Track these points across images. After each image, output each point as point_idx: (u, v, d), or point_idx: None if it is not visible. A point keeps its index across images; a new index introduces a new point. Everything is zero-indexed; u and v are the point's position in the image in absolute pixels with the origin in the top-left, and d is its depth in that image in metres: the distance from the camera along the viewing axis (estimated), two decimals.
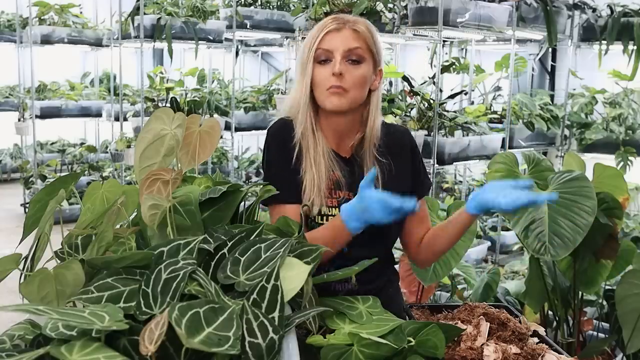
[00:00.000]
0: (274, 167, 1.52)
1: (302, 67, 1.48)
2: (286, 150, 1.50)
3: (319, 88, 1.46)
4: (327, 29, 1.45)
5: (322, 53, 1.45)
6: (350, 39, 1.45)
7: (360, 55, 1.45)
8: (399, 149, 1.57)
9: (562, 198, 1.95)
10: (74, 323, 0.80)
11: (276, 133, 1.53)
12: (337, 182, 1.49)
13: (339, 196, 1.49)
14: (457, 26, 3.67)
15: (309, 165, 1.47)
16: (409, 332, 1.05)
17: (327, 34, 1.45)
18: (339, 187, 1.49)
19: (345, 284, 1.50)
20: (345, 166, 1.52)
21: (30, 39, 6.21)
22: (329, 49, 1.44)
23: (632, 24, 4.20)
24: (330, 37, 1.45)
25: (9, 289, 1.56)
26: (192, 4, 5.13)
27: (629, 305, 1.81)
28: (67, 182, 1.19)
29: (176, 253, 1.00)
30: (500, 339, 1.18)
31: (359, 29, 1.46)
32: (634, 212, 4.56)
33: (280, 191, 1.43)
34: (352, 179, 1.51)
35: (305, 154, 1.48)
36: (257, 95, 5.87)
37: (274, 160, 1.52)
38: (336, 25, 1.45)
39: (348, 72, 1.44)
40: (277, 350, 0.86)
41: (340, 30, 1.45)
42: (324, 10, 3.86)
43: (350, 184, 1.50)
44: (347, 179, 1.50)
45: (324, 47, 1.45)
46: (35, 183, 6.35)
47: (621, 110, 4.40)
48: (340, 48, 1.44)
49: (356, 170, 1.52)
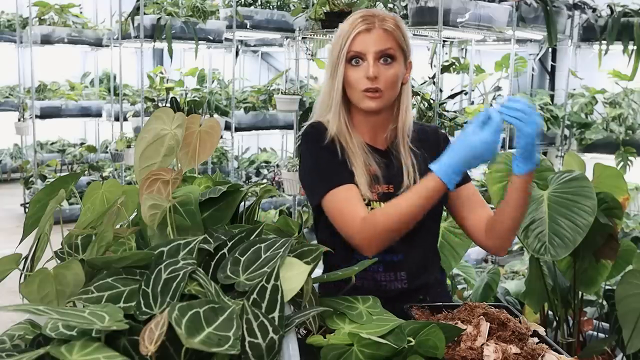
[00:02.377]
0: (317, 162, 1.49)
1: (332, 67, 1.48)
2: (326, 147, 1.49)
3: (352, 89, 1.47)
4: (357, 29, 1.44)
5: (354, 55, 1.45)
6: (381, 40, 1.44)
7: (392, 55, 1.45)
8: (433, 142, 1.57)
9: (562, 198, 1.95)
10: (74, 323, 0.80)
11: (312, 134, 1.52)
12: (375, 177, 1.49)
13: (378, 190, 1.49)
14: (457, 26, 3.67)
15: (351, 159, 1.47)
16: (409, 332, 1.05)
17: (358, 35, 1.44)
18: (377, 181, 1.49)
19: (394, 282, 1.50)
20: (382, 158, 1.52)
21: (30, 39, 6.21)
22: (361, 51, 1.44)
23: (632, 24, 4.19)
24: (362, 38, 1.44)
25: (9, 289, 1.56)
26: (192, 4, 5.13)
27: (629, 305, 1.81)
28: (67, 182, 1.19)
29: (176, 253, 1.00)
30: (500, 339, 1.18)
31: (389, 27, 1.45)
32: (634, 212, 4.55)
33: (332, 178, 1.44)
34: (388, 171, 1.51)
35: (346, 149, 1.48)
36: (257, 95, 5.87)
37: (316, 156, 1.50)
38: (366, 25, 1.44)
39: (381, 73, 1.44)
40: (277, 350, 0.86)
41: (370, 30, 1.44)
42: (324, 10, 3.86)
43: (388, 176, 1.50)
44: (384, 171, 1.50)
45: (355, 50, 1.44)
46: (35, 183, 6.35)
47: (621, 110, 4.40)
48: (372, 50, 1.43)
49: (393, 162, 1.52)
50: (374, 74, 1.42)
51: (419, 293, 1.52)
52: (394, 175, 1.50)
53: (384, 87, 1.45)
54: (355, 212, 1.40)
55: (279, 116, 5.93)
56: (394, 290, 1.51)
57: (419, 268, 1.53)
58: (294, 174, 4.32)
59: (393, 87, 1.47)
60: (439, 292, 1.59)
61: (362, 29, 1.44)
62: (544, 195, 1.98)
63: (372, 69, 1.42)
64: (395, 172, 1.51)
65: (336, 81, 1.47)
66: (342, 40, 1.46)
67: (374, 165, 1.49)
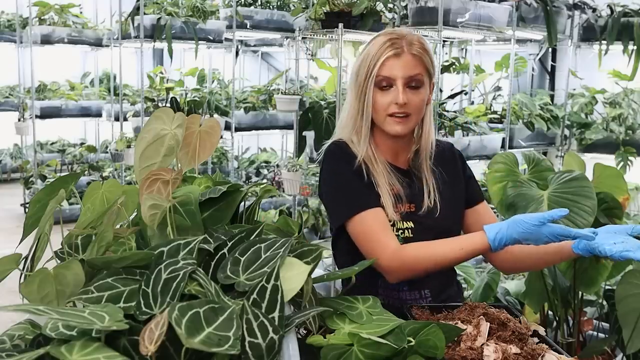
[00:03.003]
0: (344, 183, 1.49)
1: (358, 89, 1.48)
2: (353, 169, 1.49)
3: (379, 113, 1.47)
4: (386, 54, 1.44)
5: (383, 80, 1.45)
6: (410, 66, 1.44)
7: (421, 80, 1.46)
8: (449, 160, 1.60)
9: (562, 198, 1.95)
10: (74, 323, 0.80)
11: (337, 153, 1.52)
12: (397, 196, 1.50)
13: (401, 210, 1.50)
14: (457, 26, 3.67)
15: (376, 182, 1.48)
16: (409, 332, 1.05)
17: (387, 60, 1.44)
18: (401, 200, 1.50)
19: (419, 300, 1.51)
20: (404, 177, 1.53)
21: (30, 39, 6.21)
22: (390, 76, 1.44)
23: (632, 24, 4.19)
24: (391, 63, 1.44)
25: (9, 289, 1.56)
26: (192, 4, 5.13)
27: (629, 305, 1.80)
28: (67, 182, 1.19)
29: (176, 253, 0.99)
30: (500, 339, 1.18)
31: (417, 52, 1.45)
32: (634, 212, 4.55)
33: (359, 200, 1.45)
34: (410, 190, 1.52)
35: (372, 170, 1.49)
36: (257, 95, 5.87)
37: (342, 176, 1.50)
38: (395, 50, 1.44)
39: (410, 99, 1.45)
40: (277, 350, 0.86)
41: (399, 55, 1.44)
42: (324, 10, 3.86)
43: (410, 195, 1.51)
44: (406, 190, 1.51)
45: (384, 75, 1.44)
46: (35, 183, 6.35)
47: (621, 110, 4.40)
48: (401, 76, 1.44)
49: (415, 182, 1.53)
50: (404, 101, 1.43)
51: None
52: (416, 195, 1.52)
53: (412, 111, 1.46)
54: (386, 242, 1.41)
55: (279, 116, 5.93)
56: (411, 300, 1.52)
57: (442, 283, 1.55)
58: (294, 174, 4.32)
59: (420, 112, 1.48)
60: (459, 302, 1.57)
61: (391, 54, 1.44)
62: (544, 195, 1.98)
63: (401, 96, 1.43)
64: (417, 191, 1.52)
65: (365, 104, 1.47)
66: (370, 64, 1.45)
67: (397, 185, 1.50)
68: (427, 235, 1.47)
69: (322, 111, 4.20)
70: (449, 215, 1.54)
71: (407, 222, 1.50)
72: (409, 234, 1.49)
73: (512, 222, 1.31)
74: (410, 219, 1.50)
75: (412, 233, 1.49)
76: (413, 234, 1.49)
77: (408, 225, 1.50)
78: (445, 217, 1.53)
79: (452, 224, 1.56)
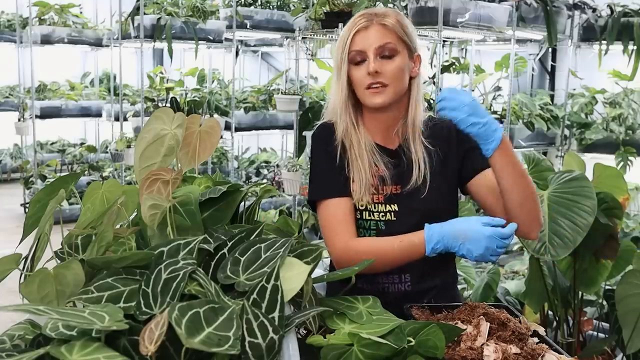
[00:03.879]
0: (318, 166, 1.53)
1: (337, 69, 1.49)
2: (329, 150, 1.51)
3: (358, 88, 1.47)
4: (356, 27, 1.45)
5: (355, 55, 1.45)
6: (380, 35, 1.44)
7: (393, 49, 1.45)
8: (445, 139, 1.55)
9: (562, 198, 1.95)
10: (74, 323, 0.80)
11: (319, 135, 1.55)
12: (381, 178, 1.49)
13: (385, 191, 1.49)
14: (457, 26, 3.67)
15: (354, 161, 1.48)
16: (409, 332, 1.05)
17: (357, 34, 1.45)
18: (384, 182, 1.49)
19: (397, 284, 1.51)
20: (391, 159, 1.51)
21: (30, 39, 6.21)
22: (361, 49, 1.44)
23: (632, 24, 4.19)
24: (360, 36, 1.45)
25: (9, 289, 1.56)
26: (192, 4, 5.13)
27: (629, 305, 1.81)
28: (67, 182, 1.19)
29: (176, 253, 1.00)
30: (500, 339, 1.18)
31: (388, 22, 1.45)
32: (634, 212, 4.55)
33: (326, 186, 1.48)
34: (397, 170, 1.50)
35: (349, 151, 1.49)
36: (257, 95, 5.87)
37: (318, 159, 1.53)
38: (365, 23, 1.45)
39: (383, 68, 1.44)
40: (277, 350, 0.86)
41: (368, 27, 1.45)
42: (324, 10, 3.86)
43: (396, 175, 1.50)
44: (391, 172, 1.50)
45: (356, 49, 1.45)
46: (35, 183, 6.35)
47: (621, 110, 4.40)
48: (371, 46, 1.44)
49: (403, 161, 1.51)
50: (374, 69, 1.42)
51: (423, 296, 1.50)
52: (403, 174, 1.50)
53: (387, 80, 1.44)
54: (341, 234, 1.44)
55: (279, 116, 5.93)
56: (396, 292, 1.50)
57: (425, 273, 1.52)
58: (294, 174, 4.32)
59: (398, 80, 1.46)
60: (451, 296, 1.57)
61: (361, 27, 1.45)
62: (544, 195, 1.98)
63: (372, 65, 1.42)
64: (404, 170, 1.50)
65: (340, 82, 1.48)
66: (343, 42, 1.47)
67: (382, 167, 1.49)
68: (412, 219, 1.46)
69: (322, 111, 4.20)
70: (437, 196, 1.50)
71: (391, 205, 1.48)
72: (391, 217, 1.48)
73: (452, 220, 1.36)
74: (395, 201, 1.48)
75: (395, 216, 1.48)
76: (396, 217, 1.48)
77: (392, 208, 1.48)
78: (432, 198, 1.49)
79: (440, 206, 1.51)
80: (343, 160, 1.49)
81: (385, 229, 1.48)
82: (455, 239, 1.32)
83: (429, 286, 1.53)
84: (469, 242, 1.31)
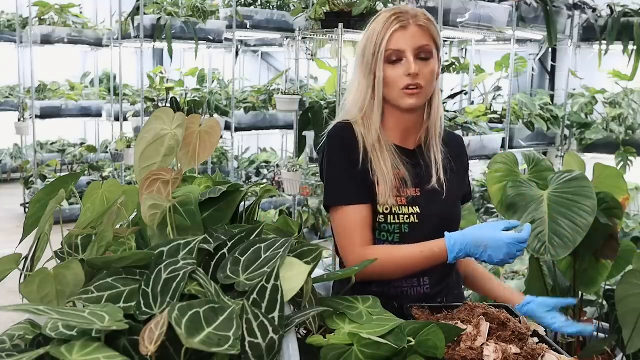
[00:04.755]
0: (336, 169, 1.49)
1: (365, 66, 1.46)
2: (349, 154, 1.48)
3: (391, 88, 1.45)
4: (393, 27, 1.43)
5: (392, 54, 1.43)
6: (418, 37, 1.43)
7: (429, 51, 1.45)
8: (457, 152, 1.59)
9: (562, 198, 1.95)
10: (74, 323, 0.80)
11: (337, 136, 1.51)
12: (402, 179, 1.48)
13: (407, 194, 1.48)
14: (457, 26, 3.67)
15: (377, 163, 1.46)
16: (409, 332, 1.05)
17: (395, 33, 1.43)
18: (405, 183, 1.48)
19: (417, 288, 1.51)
20: (409, 159, 1.50)
21: (30, 39, 6.21)
22: (400, 49, 1.43)
23: (632, 24, 4.19)
24: (399, 36, 1.43)
25: (9, 289, 1.56)
26: (192, 4, 5.13)
27: (629, 305, 1.80)
28: (67, 182, 1.19)
29: (176, 253, 0.99)
30: (500, 339, 1.18)
31: (423, 23, 1.44)
32: (634, 212, 4.55)
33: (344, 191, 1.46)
34: (416, 171, 1.50)
35: (372, 153, 1.47)
36: (257, 95, 5.87)
37: (336, 162, 1.49)
38: (401, 23, 1.43)
39: (421, 70, 1.43)
40: (277, 350, 0.86)
41: (406, 28, 1.43)
42: (324, 10, 3.85)
43: (415, 178, 1.50)
44: (411, 173, 1.49)
45: (394, 48, 1.43)
46: (35, 183, 6.35)
47: (621, 110, 4.40)
48: (411, 47, 1.43)
49: (421, 162, 1.51)
50: (416, 71, 1.41)
51: (437, 296, 1.52)
52: (421, 177, 1.51)
53: (424, 82, 1.44)
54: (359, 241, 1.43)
55: (279, 116, 5.93)
56: (415, 295, 1.50)
57: (443, 274, 1.53)
58: (294, 174, 4.32)
59: (432, 82, 1.46)
60: (457, 294, 1.58)
61: (398, 27, 1.43)
62: (544, 195, 1.98)
63: (413, 66, 1.41)
64: (422, 172, 1.51)
65: (376, 81, 1.45)
66: (377, 40, 1.43)
67: (402, 169, 1.48)
68: (431, 222, 1.46)
69: (322, 111, 4.20)
70: (454, 202, 1.53)
71: (413, 207, 1.47)
72: (414, 219, 1.47)
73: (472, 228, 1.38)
74: (417, 203, 1.48)
75: (418, 219, 1.47)
76: (419, 219, 1.47)
77: (414, 210, 1.47)
78: (450, 201, 1.52)
79: (456, 211, 1.55)
80: (366, 164, 1.47)
81: (409, 232, 1.47)
82: (477, 247, 1.34)
83: (442, 287, 1.54)
84: (490, 249, 1.33)
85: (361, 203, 1.45)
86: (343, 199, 1.46)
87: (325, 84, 5.45)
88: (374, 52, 1.44)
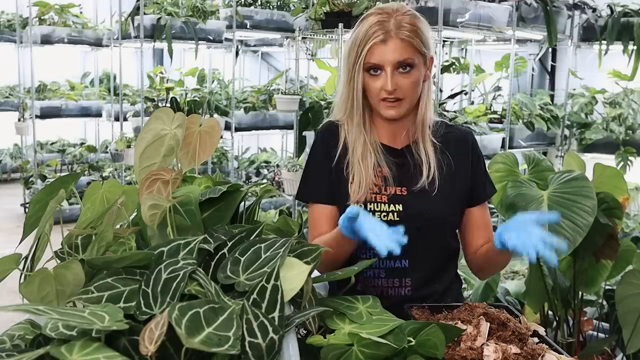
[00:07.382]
0: (311, 165, 1.56)
1: (347, 72, 1.46)
2: (329, 150, 1.52)
3: (372, 97, 1.46)
4: (373, 40, 1.40)
5: (371, 67, 1.42)
6: (399, 51, 1.40)
7: (410, 63, 1.42)
8: (459, 148, 1.54)
9: (562, 198, 1.95)
10: (74, 323, 0.80)
11: (323, 133, 1.56)
12: (384, 178, 1.48)
13: (389, 192, 1.48)
14: (457, 26, 3.67)
15: (355, 163, 1.48)
16: (409, 332, 1.05)
17: (375, 46, 1.40)
18: (387, 182, 1.48)
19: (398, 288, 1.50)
20: (395, 159, 1.50)
21: (30, 39, 6.21)
22: (378, 63, 1.41)
23: (632, 24, 4.19)
24: (378, 50, 1.40)
25: (9, 289, 1.56)
26: (192, 4, 5.13)
27: (629, 305, 1.81)
28: (67, 182, 1.19)
29: (176, 253, 1.00)
30: (500, 339, 1.18)
31: (405, 36, 1.40)
32: (634, 212, 4.55)
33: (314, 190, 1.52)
34: (401, 170, 1.50)
35: (351, 152, 1.49)
36: (257, 95, 5.87)
37: (313, 158, 1.56)
38: (382, 37, 1.40)
39: (400, 83, 1.42)
40: (277, 350, 0.86)
41: (386, 42, 1.40)
42: (324, 10, 3.86)
43: (400, 176, 1.49)
44: (394, 172, 1.49)
45: (372, 62, 1.41)
46: (35, 183, 6.35)
47: (621, 110, 4.40)
48: (390, 62, 1.40)
49: (409, 162, 1.51)
50: (393, 87, 1.41)
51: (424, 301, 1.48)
52: (409, 176, 1.49)
53: (403, 94, 1.43)
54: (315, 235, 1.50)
55: (279, 116, 5.93)
56: (397, 296, 1.50)
57: (427, 278, 1.52)
58: (294, 174, 4.31)
59: (413, 92, 1.45)
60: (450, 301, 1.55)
61: (378, 41, 1.40)
62: (544, 195, 1.98)
63: (389, 82, 1.40)
64: (411, 171, 1.50)
65: (355, 90, 1.45)
66: (358, 49, 1.42)
67: (385, 167, 1.48)
68: (416, 221, 1.44)
69: (322, 111, 4.20)
70: (445, 202, 1.49)
71: (395, 205, 1.46)
72: (393, 217, 1.46)
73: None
74: (400, 202, 1.47)
75: (398, 216, 1.46)
76: (399, 217, 1.46)
77: (395, 208, 1.47)
78: (439, 202, 1.48)
79: (446, 213, 1.51)
80: (342, 161, 1.49)
81: None
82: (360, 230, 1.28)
83: (430, 292, 1.52)
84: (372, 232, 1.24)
85: (327, 203, 1.52)
86: (311, 196, 1.54)
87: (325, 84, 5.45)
88: (355, 60, 1.44)
